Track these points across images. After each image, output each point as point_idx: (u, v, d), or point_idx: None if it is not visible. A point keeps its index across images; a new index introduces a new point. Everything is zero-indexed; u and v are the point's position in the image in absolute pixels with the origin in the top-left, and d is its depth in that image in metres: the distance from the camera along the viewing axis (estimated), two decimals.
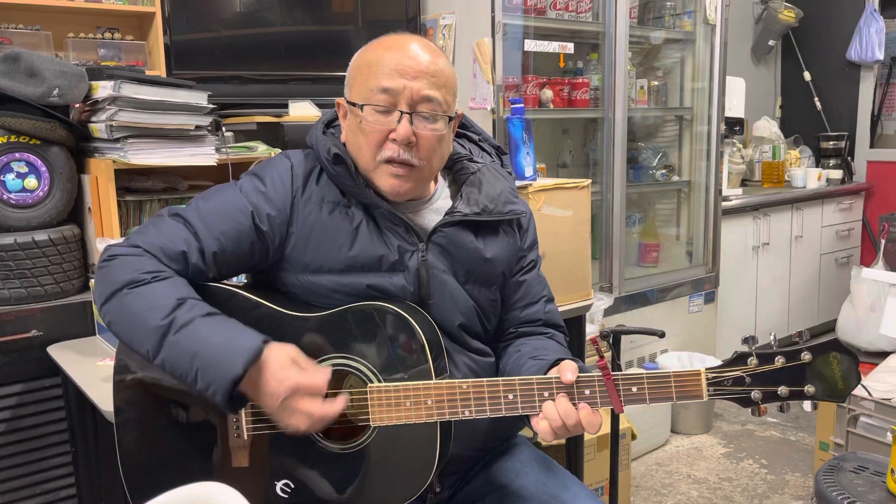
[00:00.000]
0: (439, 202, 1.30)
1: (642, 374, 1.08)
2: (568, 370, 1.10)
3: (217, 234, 1.18)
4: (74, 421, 1.81)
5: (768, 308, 3.98)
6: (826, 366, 1.04)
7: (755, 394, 1.06)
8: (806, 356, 1.05)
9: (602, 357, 1.08)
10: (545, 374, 1.15)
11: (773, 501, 2.64)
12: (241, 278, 1.38)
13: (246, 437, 1.18)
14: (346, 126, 1.25)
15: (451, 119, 1.23)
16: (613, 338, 1.94)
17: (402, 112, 1.17)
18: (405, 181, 1.20)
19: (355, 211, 1.23)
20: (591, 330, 2.51)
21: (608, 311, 2.84)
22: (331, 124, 1.31)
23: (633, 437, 2.57)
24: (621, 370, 1.94)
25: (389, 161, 1.18)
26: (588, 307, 2.11)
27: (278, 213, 1.21)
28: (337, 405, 1.10)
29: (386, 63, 1.18)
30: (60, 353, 1.69)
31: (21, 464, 1.79)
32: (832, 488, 1.75)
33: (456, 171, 1.34)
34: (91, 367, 1.58)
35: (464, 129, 1.42)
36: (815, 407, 1.08)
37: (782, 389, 1.06)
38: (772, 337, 1.09)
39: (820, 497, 1.78)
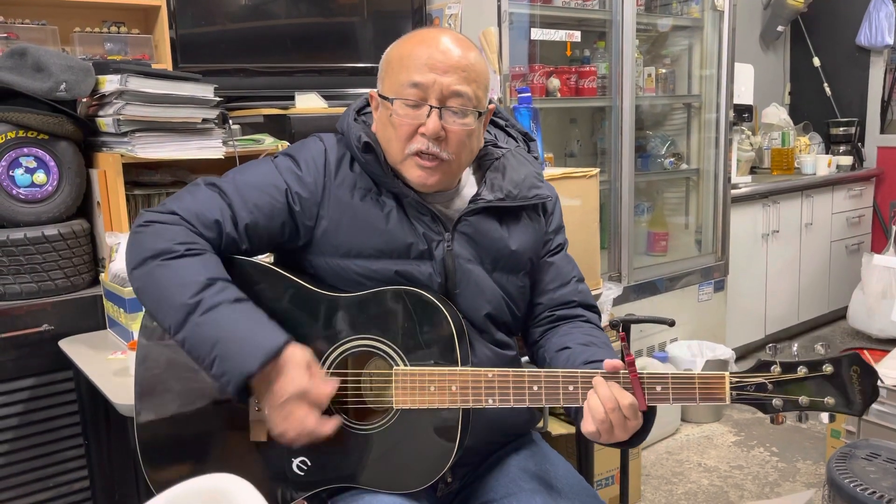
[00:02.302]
0: (465, 190, 1.31)
1: (667, 374, 1.09)
2: (614, 360, 1.11)
3: (251, 207, 1.19)
4: (87, 414, 1.82)
5: (778, 296, 3.97)
6: (846, 379, 1.06)
7: (776, 401, 1.08)
8: (828, 368, 1.06)
9: (630, 353, 1.09)
10: None
11: (784, 489, 2.63)
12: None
13: (266, 413, 1.18)
14: (377, 117, 1.26)
15: (481, 114, 1.22)
16: (623, 327, 1.94)
17: (431, 107, 1.17)
18: (432, 173, 1.20)
19: (386, 198, 1.24)
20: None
21: (617, 301, 2.83)
22: (362, 111, 1.32)
23: None
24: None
25: (418, 154, 1.19)
26: (597, 297, 2.11)
27: (310, 196, 1.22)
28: (329, 426, 1.12)
29: (417, 57, 1.18)
30: (72, 347, 1.70)
31: (34, 457, 1.80)
32: (845, 476, 1.74)
33: (481, 157, 1.34)
34: (102, 361, 1.58)
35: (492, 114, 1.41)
36: (832, 419, 1.09)
37: (803, 399, 1.07)
38: (794, 348, 1.10)
39: (832, 484, 1.77)
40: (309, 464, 1.18)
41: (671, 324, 1.92)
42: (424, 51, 1.18)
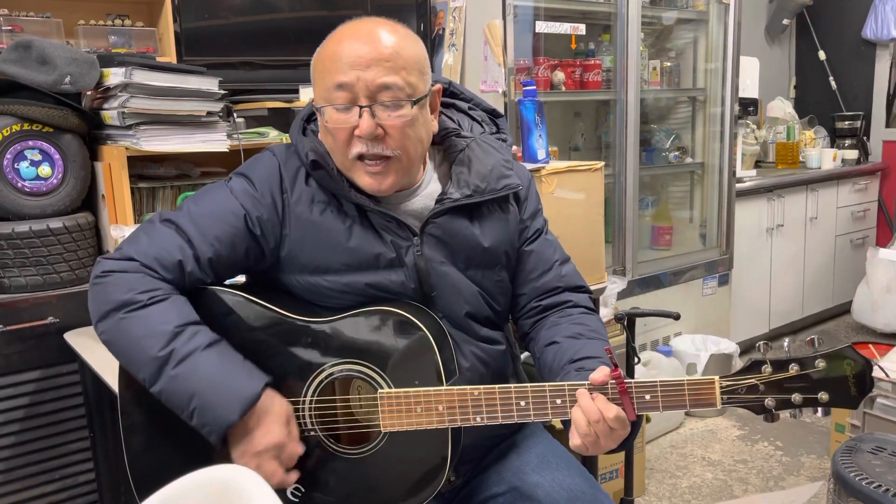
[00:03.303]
0: (430, 186, 1.26)
1: (656, 382, 1.08)
2: (598, 373, 1.09)
3: (211, 240, 1.16)
4: (92, 406, 1.83)
5: (783, 290, 3.96)
6: (839, 372, 1.04)
7: (769, 401, 1.06)
8: (820, 363, 1.04)
9: (616, 367, 1.08)
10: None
11: (788, 483, 2.63)
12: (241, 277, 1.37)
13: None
14: (320, 125, 1.21)
15: (417, 101, 1.15)
16: (628, 321, 1.94)
17: (360, 107, 1.11)
18: (384, 177, 1.16)
19: (347, 208, 1.20)
20: (605, 313, 2.50)
21: (621, 295, 2.83)
22: (311, 119, 1.27)
23: (648, 420, 2.57)
24: (636, 353, 1.93)
25: (361, 157, 1.15)
26: (601, 290, 2.10)
27: (270, 217, 1.19)
28: (290, 479, 1.14)
29: (338, 57, 1.12)
30: (77, 340, 1.71)
31: (40, 449, 1.81)
32: (850, 469, 1.74)
33: (446, 148, 1.29)
34: (107, 353, 1.57)
35: (453, 97, 1.36)
36: (826, 413, 1.07)
37: (796, 397, 1.05)
38: (786, 344, 1.09)
39: (838, 478, 1.77)
40: (303, 490, 1.18)
41: (677, 317, 1.92)
42: (344, 48, 1.12)
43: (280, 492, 1.17)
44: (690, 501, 2.54)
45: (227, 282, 1.24)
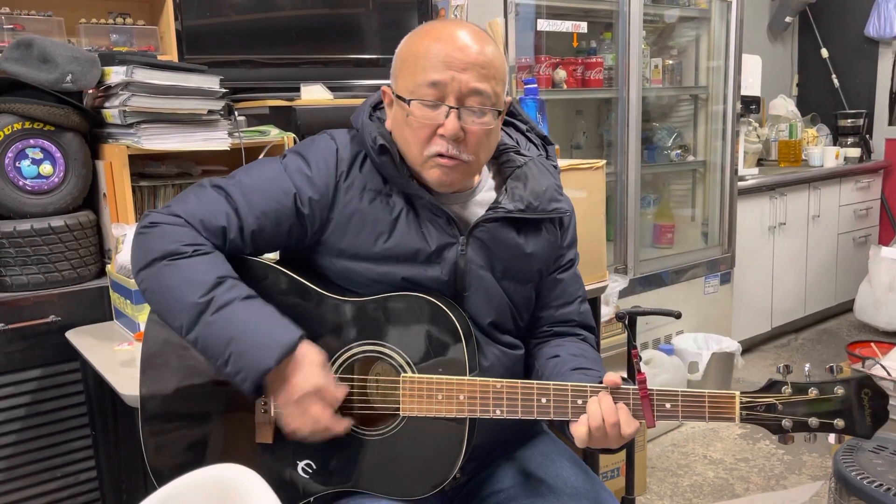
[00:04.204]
0: (483, 194, 1.28)
1: (677, 391, 1.08)
2: (614, 375, 1.10)
3: (258, 214, 1.18)
4: (94, 405, 1.83)
5: (785, 289, 3.95)
6: (857, 401, 1.05)
7: (786, 422, 1.07)
8: (839, 390, 1.06)
9: (641, 371, 1.09)
10: None
11: (790, 482, 2.63)
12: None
13: (273, 415, 1.18)
14: (391, 115, 1.23)
15: (500, 112, 1.19)
16: (629, 319, 1.93)
17: (450, 107, 1.13)
18: (452, 172, 1.18)
19: (396, 200, 1.21)
20: (607, 312, 2.50)
21: (623, 293, 2.83)
22: (377, 106, 1.29)
23: None
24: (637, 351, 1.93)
25: (438, 155, 1.16)
26: (603, 289, 2.10)
27: (321, 198, 1.20)
28: (343, 424, 1.13)
29: (434, 55, 1.14)
30: (79, 338, 1.71)
31: (42, 447, 1.81)
32: (851, 468, 1.74)
33: (502, 163, 1.31)
34: (109, 352, 1.59)
35: (511, 116, 1.39)
36: (840, 441, 1.09)
37: (812, 420, 1.07)
38: (807, 368, 1.11)
39: (839, 477, 1.77)
40: (314, 466, 1.19)
41: (678, 316, 1.91)
42: (441, 47, 1.14)
43: (292, 466, 1.19)
44: (692, 500, 2.54)
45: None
